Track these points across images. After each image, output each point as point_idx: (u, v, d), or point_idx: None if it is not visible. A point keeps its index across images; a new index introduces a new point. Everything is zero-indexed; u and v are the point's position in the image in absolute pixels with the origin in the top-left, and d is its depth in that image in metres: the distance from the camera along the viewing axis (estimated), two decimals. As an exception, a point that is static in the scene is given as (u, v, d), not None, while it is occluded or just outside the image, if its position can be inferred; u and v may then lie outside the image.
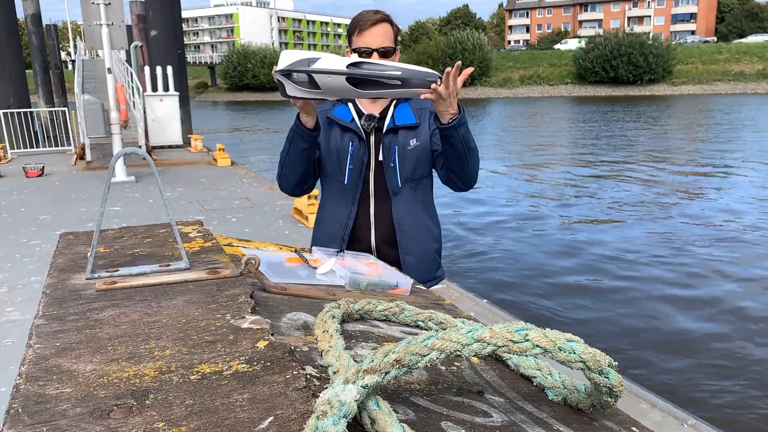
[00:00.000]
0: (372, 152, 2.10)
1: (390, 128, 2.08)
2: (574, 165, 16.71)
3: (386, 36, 1.99)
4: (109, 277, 1.27)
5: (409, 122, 2.09)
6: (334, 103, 2.17)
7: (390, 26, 2.01)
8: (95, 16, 9.39)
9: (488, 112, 40.52)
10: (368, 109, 2.12)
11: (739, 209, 10.65)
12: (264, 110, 48.86)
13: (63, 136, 15.78)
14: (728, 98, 47.13)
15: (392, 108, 2.10)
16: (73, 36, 57.01)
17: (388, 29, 2.00)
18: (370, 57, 1.96)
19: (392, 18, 2.05)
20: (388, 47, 1.99)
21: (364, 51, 1.97)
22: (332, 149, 2.12)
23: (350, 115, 2.12)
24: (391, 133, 2.08)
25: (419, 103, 2.13)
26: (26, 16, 26.26)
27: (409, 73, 1.61)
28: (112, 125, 9.98)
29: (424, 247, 2.14)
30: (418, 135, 2.09)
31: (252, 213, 7.94)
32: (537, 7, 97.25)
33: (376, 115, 2.10)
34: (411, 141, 2.08)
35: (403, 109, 2.11)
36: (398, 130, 2.08)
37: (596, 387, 0.81)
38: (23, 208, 8.29)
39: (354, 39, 2.01)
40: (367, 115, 2.10)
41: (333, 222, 2.13)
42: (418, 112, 2.11)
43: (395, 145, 2.08)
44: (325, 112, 2.15)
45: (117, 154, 1.32)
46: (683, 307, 6.26)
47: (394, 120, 2.09)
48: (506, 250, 8.46)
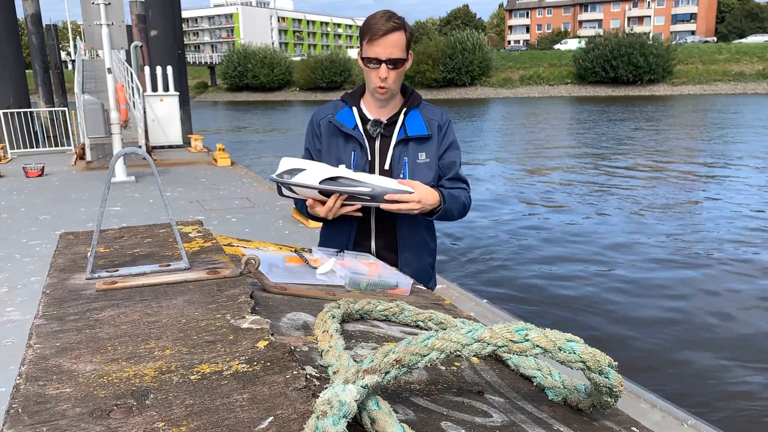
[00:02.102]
0: (377, 160, 2.03)
1: (401, 139, 2.01)
2: (575, 165, 16.71)
3: (397, 46, 1.90)
4: (109, 277, 1.27)
5: (420, 133, 2.02)
6: (336, 105, 2.10)
7: (403, 33, 1.91)
8: (95, 16, 9.39)
9: (488, 112, 40.52)
10: (374, 114, 2.05)
11: (742, 209, 10.65)
12: (264, 110, 48.88)
13: (63, 136, 15.78)
14: (728, 98, 47.14)
15: (402, 116, 2.03)
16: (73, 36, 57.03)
17: (400, 38, 1.90)
18: (379, 68, 1.91)
19: (406, 22, 1.94)
20: (397, 58, 1.91)
21: (374, 61, 1.91)
22: (334, 156, 2.05)
23: (353, 121, 2.05)
24: (402, 144, 2.01)
25: (430, 113, 2.07)
26: (26, 16, 26.27)
27: (380, 190, 1.75)
28: (112, 125, 9.98)
29: (421, 260, 2.12)
30: (428, 150, 2.03)
31: (252, 213, 7.94)
32: (537, 7, 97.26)
33: (384, 120, 2.04)
34: (420, 155, 2.02)
35: (414, 118, 2.04)
36: (409, 141, 2.02)
37: (596, 387, 0.81)
38: (23, 208, 8.29)
39: (365, 46, 1.93)
40: (374, 121, 2.03)
41: (338, 230, 2.09)
42: (428, 122, 2.05)
43: (405, 156, 2.01)
44: (327, 117, 2.08)
45: (117, 154, 1.32)
46: (686, 308, 6.26)
47: (405, 130, 2.02)
48: (506, 250, 8.46)
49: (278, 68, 71.07)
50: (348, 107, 2.07)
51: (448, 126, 2.09)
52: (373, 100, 2.04)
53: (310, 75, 67.20)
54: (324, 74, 65.85)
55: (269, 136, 28.19)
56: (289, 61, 72.84)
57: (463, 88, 61.88)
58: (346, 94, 2.12)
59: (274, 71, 70.77)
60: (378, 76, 1.92)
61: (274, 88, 71.52)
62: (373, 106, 2.06)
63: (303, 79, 68.46)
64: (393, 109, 2.05)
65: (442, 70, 60.89)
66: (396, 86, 1.98)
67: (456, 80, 61.39)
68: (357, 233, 2.07)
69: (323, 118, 2.09)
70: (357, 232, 2.07)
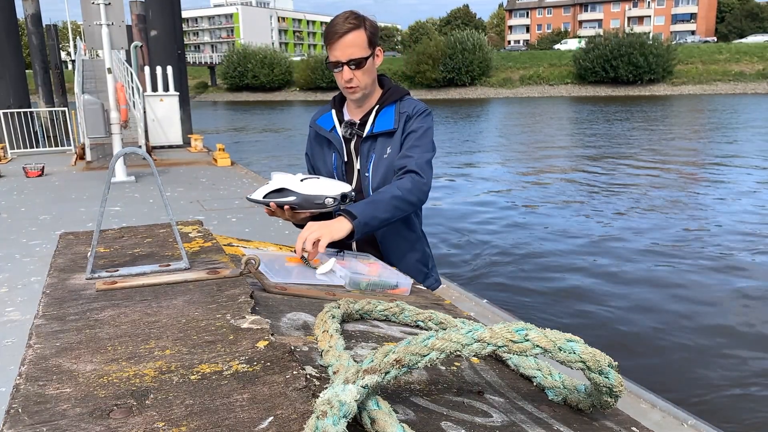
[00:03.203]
0: (354, 160, 2.05)
1: (368, 135, 2.02)
2: (575, 165, 16.71)
3: (356, 45, 1.89)
4: (109, 277, 1.27)
5: (386, 128, 2.01)
6: (324, 109, 2.15)
7: (362, 31, 1.90)
8: (95, 16, 9.39)
9: (488, 112, 40.53)
10: (353, 115, 2.07)
11: (744, 208, 10.65)
12: (264, 110, 48.87)
13: (63, 136, 15.77)
14: (728, 98, 47.14)
15: (374, 114, 2.03)
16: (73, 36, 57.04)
17: (358, 37, 1.89)
18: (342, 71, 1.92)
19: (365, 19, 1.92)
20: (358, 58, 1.90)
21: (335, 65, 1.93)
22: (320, 159, 2.11)
23: (331, 123, 2.08)
24: (370, 141, 2.02)
25: (405, 107, 2.05)
26: (26, 16, 26.27)
27: (301, 198, 1.82)
28: (112, 125, 9.98)
29: (405, 257, 2.11)
30: (393, 143, 2.02)
31: (252, 213, 7.94)
32: (537, 7, 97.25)
33: (356, 121, 2.05)
34: (387, 149, 2.01)
35: (386, 114, 2.03)
36: (377, 138, 2.02)
37: (596, 387, 0.81)
38: (23, 208, 8.29)
39: (328, 50, 1.95)
40: (346, 122, 2.05)
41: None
42: (399, 116, 2.03)
43: (372, 153, 2.02)
44: (311, 121, 2.15)
45: (117, 154, 1.32)
46: (688, 309, 6.26)
47: (373, 127, 2.02)
48: (506, 250, 8.46)
49: (278, 68, 71.08)
50: (329, 111, 2.12)
51: (416, 116, 2.01)
52: (351, 101, 2.06)
53: (310, 75, 67.19)
54: (324, 74, 65.81)
55: (269, 136, 28.19)
56: (289, 61, 72.84)
57: (463, 88, 61.88)
58: (334, 97, 2.16)
59: (274, 71, 70.78)
60: (343, 79, 1.94)
61: (274, 88, 71.54)
62: (353, 107, 2.08)
63: (303, 79, 68.46)
64: (368, 108, 2.06)
65: (442, 70, 60.89)
66: (366, 84, 1.97)
67: (456, 80, 61.39)
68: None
69: (312, 122, 2.16)
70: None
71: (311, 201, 1.82)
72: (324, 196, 1.82)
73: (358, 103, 2.04)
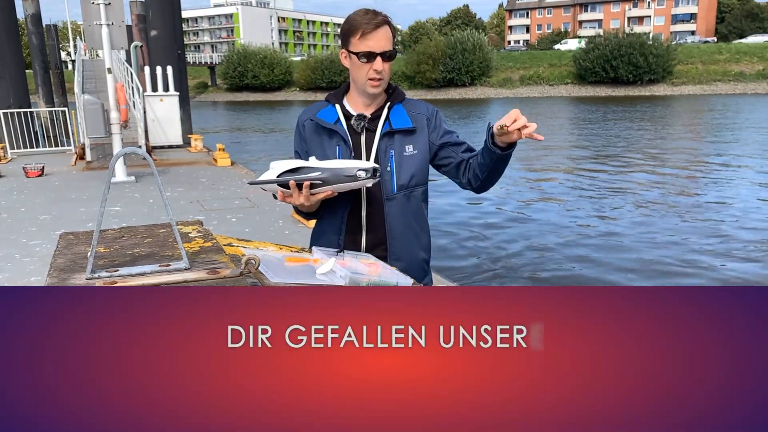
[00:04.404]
0: (363, 155, 2.03)
1: (386, 132, 2.02)
2: (575, 165, 16.72)
3: (388, 39, 1.94)
4: (109, 277, 1.27)
5: (405, 126, 2.03)
6: (319, 105, 2.12)
7: (389, 27, 1.95)
8: (95, 16, 9.38)
9: (488, 112, 40.54)
10: (358, 110, 2.06)
11: (744, 207, 10.66)
12: (264, 110, 48.89)
13: (63, 136, 15.76)
14: (728, 98, 47.15)
15: (386, 110, 2.04)
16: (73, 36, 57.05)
17: (389, 32, 1.94)
18: (374, 61, 1.92)
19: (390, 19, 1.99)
20: (391, 51, 1.95)
21: (368, 56, 1.92)
22: (320, 154, 2.04)
23: (335, 116, 2.05)
24: (387, 137, 2.03)
25: (414, 107, 2.08)
26: (26, 16, 26.28)
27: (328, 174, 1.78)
28: (112, 125, 9.98)
29: (413, 254, 2.11)
30: (415, 142, 2.04)
31: (252, 213, 7.95)
32: (537, 8, 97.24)
33: (368, 115, 2.04)
34: (407, 147, 2.03)
35: (398, 112, 2.06)
36: (394, 134, 2.03)
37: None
38: (23, 208, 8.29)
39: (354, 42, 1.94)
40: (358, 115, 2.04)
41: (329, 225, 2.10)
42: (414, 116, 2.06)
43: (391, 149, 2.02)
44: (310, 117, 2.09)
45: (117, 154, 1.33)
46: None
47: (390, 123, 2.03)
48: (505, 249, 8.47)
49: (278, 68, 71.03)
50: (331, 105, 2.09)
51: (436, 116, 2.11)
52: (361, 97, 2.05)
53: (310, 75, 67.16)
54: (324, 74, 65.82)
55: (269, 136, 28.21)
56: (289, 61, 72.80)
57: (463, 88, 61.87)
58: (329, 94, 2.14)
59: (274, 71, 70.74)
60: (374, 69, 1.93)
61: (274, 88, 71.51)
62: (359, 103, 2.06)
63: (303, 79, 68.43)
64: (377, 105, 2.06)
65: (442, 70, 60.88)
66: (388, 78, 2.00)
67: (456, 80, 61.38)
68: (347, 227, 2.07)
69: (306, 119, 2.11)
70: (347, 227, 2.07)
71: (340, 174, 1.78)
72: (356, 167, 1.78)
73: (370, 99, 2.04)
